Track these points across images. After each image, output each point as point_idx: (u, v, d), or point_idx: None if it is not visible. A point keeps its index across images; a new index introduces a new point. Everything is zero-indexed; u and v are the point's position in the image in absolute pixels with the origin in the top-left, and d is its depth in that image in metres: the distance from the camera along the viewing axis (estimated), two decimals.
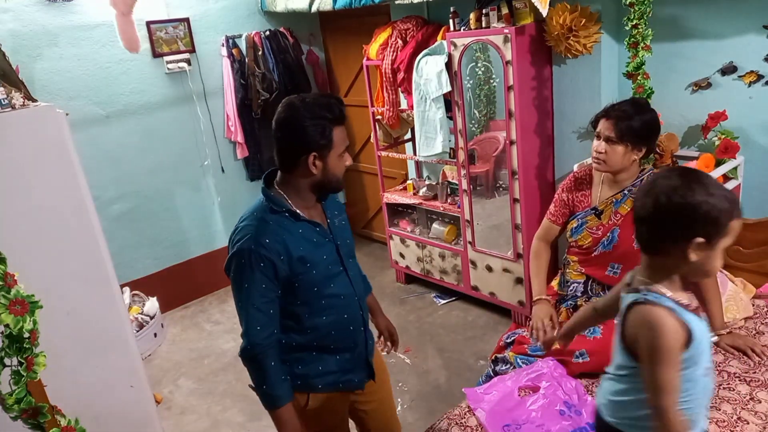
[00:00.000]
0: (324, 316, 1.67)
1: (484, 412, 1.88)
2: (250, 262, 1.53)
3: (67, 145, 2.15)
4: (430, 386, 3.08)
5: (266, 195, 1.62)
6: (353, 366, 1.78)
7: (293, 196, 1.62)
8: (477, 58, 3.36)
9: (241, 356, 1.64)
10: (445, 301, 3.90)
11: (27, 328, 1.23)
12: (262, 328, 1.58)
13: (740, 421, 1.67)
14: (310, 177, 1.59)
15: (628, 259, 2.12)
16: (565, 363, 1.96)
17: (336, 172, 1.61)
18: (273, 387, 1.63)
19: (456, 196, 3.66)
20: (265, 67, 4.26)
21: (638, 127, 2.01)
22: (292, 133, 1.53)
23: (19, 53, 3.36)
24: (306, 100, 1.54)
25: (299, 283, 1.60)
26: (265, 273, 1.54)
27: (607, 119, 2.05)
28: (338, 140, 1.57)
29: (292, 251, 1.56)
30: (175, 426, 3.07)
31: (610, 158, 2.05)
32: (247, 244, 1.53)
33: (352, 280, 1.73)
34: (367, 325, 1.81)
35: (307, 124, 1.51)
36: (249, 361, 1.63)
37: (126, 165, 3.94)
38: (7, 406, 1.25)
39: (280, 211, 1.59)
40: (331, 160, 1.57)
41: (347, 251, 1.75)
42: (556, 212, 2.33)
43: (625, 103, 2.08)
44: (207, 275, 4.44)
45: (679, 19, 2.77)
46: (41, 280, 1.73)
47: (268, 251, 1.53)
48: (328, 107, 1.54)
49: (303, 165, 1.56)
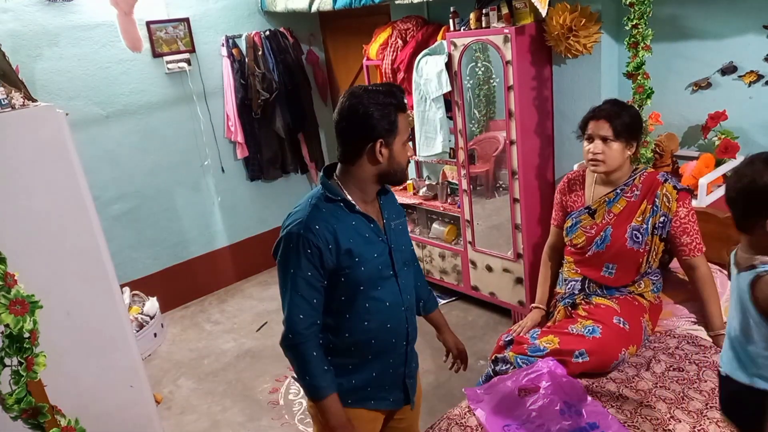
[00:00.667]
0: (366, 321, 1.60)
1: (484, 412, 1.88)
2: (298, 248, 1.50)
3: (67, 145, 2.15)
4: (430, 386, 3.08)
5: (323, 183, 1.58)
6: (389, 383, 1.71)
7: (352, 188, 1.58)
8: (477, 58, 3.36)
9: (281, 345, 1.58)
10: (445, 301, 3.90)
11: (27, 328, 1.23)
12: (304, 317, 1.53)
13: None
14: (376, 166, 1.54)
15: (622, 259, 2.12)
16: (564, 363, 1.96)
17: (401, 160, 1.57)
18: (316, 378, 1.56)
19: (456, 196, 3.66)
20: (265, 67, 4.26)
21: (630, 123, 2.05)
22: (358, 120, 1.49)
23: (19, 53, 3.36)
24: (368, 88, 1.52)
25: (345, 277, 1.55)
26: (312, 260, 1.50)
27: (597, 120, 2.06)
28: (402, 127, 1.54)
29: (341, 242, 1.52)
30: (175, 426, 3.07)
31: (608, 157, 2.05)
32: (296, 229, 1.50)
33: (401, 288, 1.65)
34: (413, 343, 1.74)
35: (372, 111, 1.48)
36: (290, 349, 1.57)
37: (126, 165, 3.94)
38: (7, 406, 1.25)
39: (335, 199, 1.55)
40: (396, 147, 1.54)
41: (402, 257, 1.67)
42: (557, 216, 2.36)
43: (608, 104, 2.11)
44: (207, 275, 4.45)
45: (679, 19, 2.77)
46: (41, 280, 1.72)
47: (317, 238, 1.49)
48: (391, 94, 1.52)
49: (369, 154, 1.52)
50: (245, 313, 4.15)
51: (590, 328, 2.02)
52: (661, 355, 2.00)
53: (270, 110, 4.34)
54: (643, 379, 1.90)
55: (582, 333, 2.01)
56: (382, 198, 1.67)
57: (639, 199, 2.10)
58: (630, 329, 2.03)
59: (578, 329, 2.03)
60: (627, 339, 2.01)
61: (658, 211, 2.08)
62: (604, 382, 1.92)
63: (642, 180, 2.12)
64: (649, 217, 2.09)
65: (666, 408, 1.75)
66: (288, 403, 3.11)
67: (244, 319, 4.05)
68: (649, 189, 2.10)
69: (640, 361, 1.99)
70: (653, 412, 1.74)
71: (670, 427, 1.67)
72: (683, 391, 1.82)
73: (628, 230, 2.10)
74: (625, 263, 2.13)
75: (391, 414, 1.80)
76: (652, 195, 2.09)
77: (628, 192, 2.12)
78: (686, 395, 1.80)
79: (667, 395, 1.81)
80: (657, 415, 1.73)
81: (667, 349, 2.03)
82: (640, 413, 1.74)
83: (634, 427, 1.69)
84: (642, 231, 2.09)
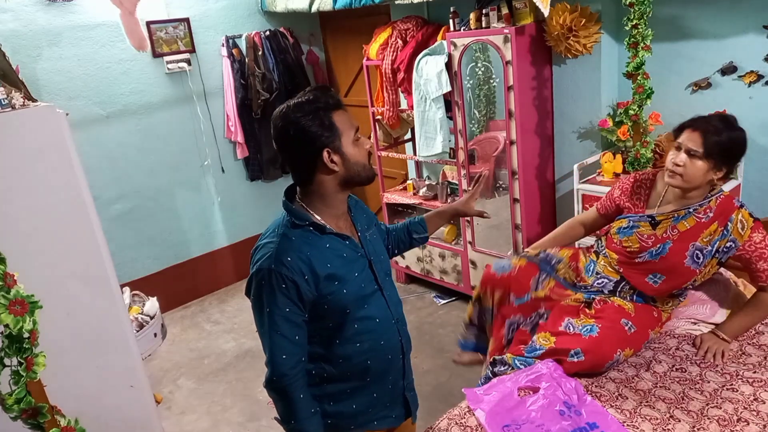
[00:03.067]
0: (358, 342, 1.53)
1: (483, 412, 1.88)
2: (271, 284, 1.41)
3: (67, 145, 2.15)
4: (430, 386, 3.08)
5: (287, 208, 1.48)
6: (390, 400, 1.66)
7: (319, 206, 1.49)
8: (477, 58, 3.36)
9: (266, 387, 1.50)
10: (445, 301, 3.90)
11: (27, 328, 1.23)
12: (288, 357, 1.45)
13: (741, 421, 1.67)
14: (333, 175, 1.45)
15: (673, 273, 2.02)
16: (560, 362, 1.95)
17: (358, 159, 1.46)
18: (302, 422, 1.49)
19: (456, 196, 3.66)
20: (265, 67, 4.26)
21: (726, 145, 1.90)
22: (294, 138, 1.41)
23: (19, 53, 3.37)
24: (292, 103, 1.44)
25: (329, 304, 1.47)
26: (288, 296, 1.41)
27: (693, 130, 1.92)
28: (342, 125, 1.43)
29: (318, 269, 1.43)
30: (175, 426, 3.07)
31: (688, 173, 1.91)
32: (266, 264, 1.42)
33: (388, 300, 1.59)
34: (408, 354, 1.68)
35: (303, 123, 1.39)
36: (275, 392, 1.50)
37: (126, 165, 3.94)
38: (7, 406, 1.25)
39: (303, 224, 1.45)
40: (346, 148, 1.44)
41: (382, 267, 1.60)
42: (603, 204, 2.25)
43: (714, 118, 1.96)
44: (207, 275, 4.45)
45: (679, 19, 2.78)
46: (41, 280, 1.73)
47: (290, 271, 1.40)
48: (315, 98, 1.43)
49: (321, 167, 1.43)
50: (245, 313, 4.15)
51: (588, 327, 2.00)
52: (661, 355, 2.00)
53: (270, 110, 4.31)
54: (643, 379, 1.90)
55: (579, 332, 1.99)
56: (351, 210, 1.59)
57: (710, 221, 1.97)
58: (634, 334, 2.00)
59: (576, 327, 2.01)
60: (626, 341, 1.97)
61: (727, 236, 1.96)
62: (603, 382, 1.92)
63: (717, 203, 1.98)
64: (717, 240, 1.97)
65: (666, 408, 1.75)
66: None
67: (244, 319, 4.05)
68: (722, 212, 1.97)
69: (639, 361, 1.99)
70: (653, 412, 1.74)
71: (670, 427, 1.67)
72: (683, 391, 1.82)
73: (690, 249, 1.98)
74: (675, 278, 2.04)
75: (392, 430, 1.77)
76: (725, 219, 1.96)
77: (701, 213, 1.98)
78: (686, 395, 1.79)
79: (667, 395, 1.81)
80: (657, 415, 1.73)
81: (667, 350, 2.03)
82: (640, 413, 1.74)
83: (634, 427, 1.69)
84: (705, 253, 1.98)
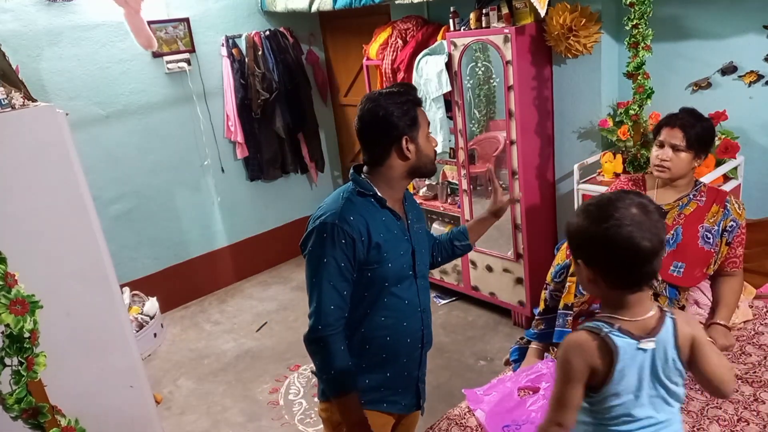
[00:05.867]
0: (383, 317, 1.61)
1: (483, 412, 1.88)
2: (333, 237, 1.50)
3: (67, 145, 2.15)
4: (430, 386, 3.04)
5: (354, 179, 1.61)
6: (403, 387, 1.71)
7: (383, 187, 1.61)
8: (477, 58, 3.36)
9: (307, 338, 1.55)
10: (445, 301, 3.90)
11: (27, 328, 1.23)
12: (335, 308, 1.52)
13: (741, 421, 1.67)
14: (405, 162, 1.59)
15: (692, 258, 2.11)
16: None
17: (428, 152, 1.61)
18: (341, 372, 1.53)
19: (456, 196, 3.66)
20: (265, 67, 4.26)
21: (703, 135, 2.08)
22: (381, 122, 1.54)
23: (19, 53, 3.36)
24: (383, 91, 1.58)
25: (371, 272, 1.56)
26: (346, 251, 1.51)
27: (672, 128, 2.08)
28: (423, 120, 1.60)
29: (372, 235, 1.54)
30: (175, 426, 3.06)
31: (675, 165, 2.08)
32: (331, 219, 1.51)
33: (419, 290, 1.68)
34: (427, 347, 1.75)
35: (392, 110, 1.53)
36: (316, 342, 1.54)
37: (126, 165, 3.94)
38: (7, 406, 1.25)
39: (368, 194, 1.58)
40: (421, 140, 1.59)
41: (422, 261, 1.70)
42: None
43: (684, 113, 2.13)
44: (207, 275, 4.44)
45: (679, 19, 2.78)
46: (41, 280, 1.72)
47: (351, 228, 1.51)
48: (406, 92, 1.58)
49: (397, 152, 1.57)
50: (245, 313, 4.15)
51: None
52: None
53: (270, 110, 4.34)
54: None
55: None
56: (406, 200, 1.70)
57: (707, 204, 2.13)
58: None
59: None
60: None
61: (729, 215, 2.12)
62: None
63: (705, 189, 2.17)
64: (721, 219, 2.12)
65: None
66: (288, 403, 3.11)
67: (244, 320, 4.05)
68: (716, 196, 2.15)
69: None
70: None
71: None
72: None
73: (700, 230, 2.11)
74: (695, 262, 2.12)
75: (399, 419, 1.79)
76: (722, 200, 2.14)
77: (698, 196, 2.15)
78: (686, 395, 1.79)
79: None
80: None
81: None
82: None
83: None
84: (713, 232, 2.10)
